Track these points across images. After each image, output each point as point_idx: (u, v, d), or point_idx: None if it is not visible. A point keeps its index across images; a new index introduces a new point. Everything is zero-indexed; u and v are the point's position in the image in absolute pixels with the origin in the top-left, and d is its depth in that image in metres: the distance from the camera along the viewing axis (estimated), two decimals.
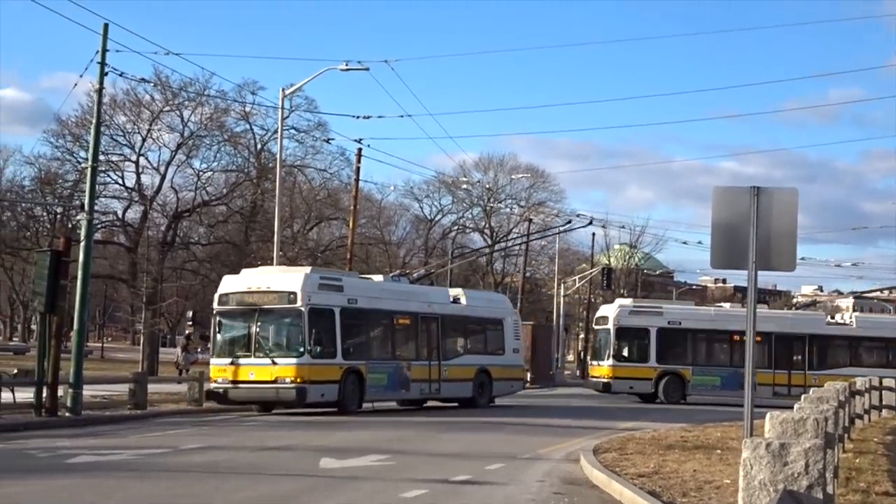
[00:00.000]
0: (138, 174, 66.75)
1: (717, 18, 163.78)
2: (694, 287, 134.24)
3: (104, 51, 30.23)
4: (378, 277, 36.80)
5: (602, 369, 45.05)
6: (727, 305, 51.80)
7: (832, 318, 49.67)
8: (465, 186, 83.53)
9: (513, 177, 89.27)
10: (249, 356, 31.20)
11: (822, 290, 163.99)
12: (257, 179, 68.66)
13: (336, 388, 31.43)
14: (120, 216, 67.31)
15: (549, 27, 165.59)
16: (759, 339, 45.05)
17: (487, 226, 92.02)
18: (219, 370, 31.58)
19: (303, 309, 30.76)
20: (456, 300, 38.54)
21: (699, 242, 50.38)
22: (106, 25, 30.14)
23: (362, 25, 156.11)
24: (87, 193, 30.54)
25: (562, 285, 75.20)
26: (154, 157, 67.65)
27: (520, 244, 76.75)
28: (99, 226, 58.54)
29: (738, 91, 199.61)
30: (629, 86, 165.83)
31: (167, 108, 65.86)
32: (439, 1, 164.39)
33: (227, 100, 64.53)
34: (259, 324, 31.54)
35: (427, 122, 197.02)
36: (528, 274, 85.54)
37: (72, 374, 28.12)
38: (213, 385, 31.73)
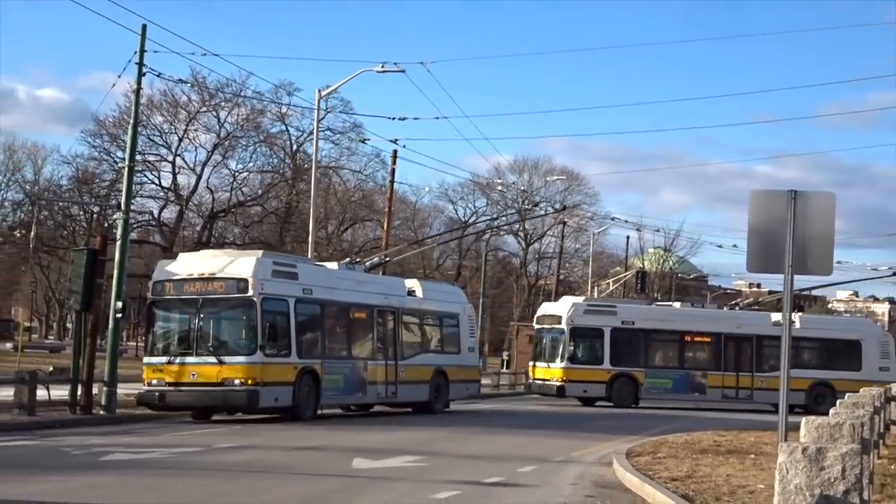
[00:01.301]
0: (174, 174, 67.31)
1: (755, 21, 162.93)
2: (728, 291, 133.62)
3: (142, 51, 30.38)
4: (332, 265, 32.68)
5: (554, 371, 42.39)
6: (677, 304, 49.51)
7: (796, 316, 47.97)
8: (499, 188, 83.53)
9: (547, 179, 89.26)
10: (191, 354, 27.18)
11: (857, 296, 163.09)
12: (292, 180, 68.98)
13: (290, 391, 27.55)
14: (156, 216, 67.84)
15: (586, 30, 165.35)
16: (707, 339, 44.54)
17: (521, 228, 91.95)
18: (153, 371, 27.41)
19: (255, 299, 26.78)
20: (411, 292, 34.53)
21: (734, 246, 49.10)
22: (144, 26, 30.28)
23: (399, 27, 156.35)
24: (123, 193, 30.68)
25: (595, 288, 74.98)
26: (190, 157, 68.25)
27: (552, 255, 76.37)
28: (135, 225, 58.95)
29: (775, 94, 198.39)
30: (666, 89, 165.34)
31: (204, 109, 66.32)
32: (476, 3, 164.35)
33: (263, 101, 64.87)
34: (203, 316, 27.39)
35: (462, 124, 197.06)
36: (561, 277, 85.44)
37: (106, 373, 28.21)
38: (146, 388, 27.54)
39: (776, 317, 45.57)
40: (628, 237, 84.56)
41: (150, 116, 64.58)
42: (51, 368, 32.53)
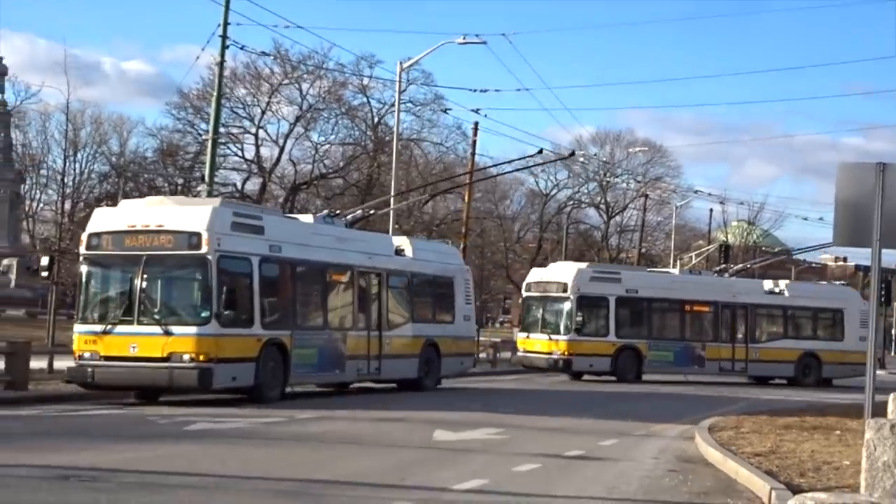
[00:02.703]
0: (257, 146, 67.82)
1: None
2: (814, 265, 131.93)
3: (226, 24, 30.67)
4: (307, 218, 28.22)
5: (557, 344, 38.78)
6: (675, 271, 46.78)
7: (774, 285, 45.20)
8: (581, 161, 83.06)
9: (629, 151, 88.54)
10: (131, 322, 22.41)
11: None
12: (374, 153, 69.16)
13: (252, 369, 23.25)
14: (239, 188, 68.40)
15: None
16: (705, 308, 42.27)
17: (603, 201, 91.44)
18: (85, 341, 22.81)
19: (210, 257, 22.25)
20: (400, 252, 30.26)
21: (820, 219, 47.36)
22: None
23: None
24: (207, 165, 31.05)
25: (678, 262, 74.42)
26: (273, 129, 68.69)
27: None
28: (218, 197, 59.43)
29: (866, 65, 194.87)
30: (754, 59, 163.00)
31: (286, 81, 66.65)
32: None
33: (345, 73, 65.05)
34: (146, 277, 22.65)
35: (544, 96, 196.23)
36: (643, 250, 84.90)
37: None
38: (77, 362, 23.04)
39: (768, 284, 44.80)
40: (711, 210, 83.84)
41: (233, 89, 65.05)
42: None
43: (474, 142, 50.98)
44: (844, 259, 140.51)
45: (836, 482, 13.23)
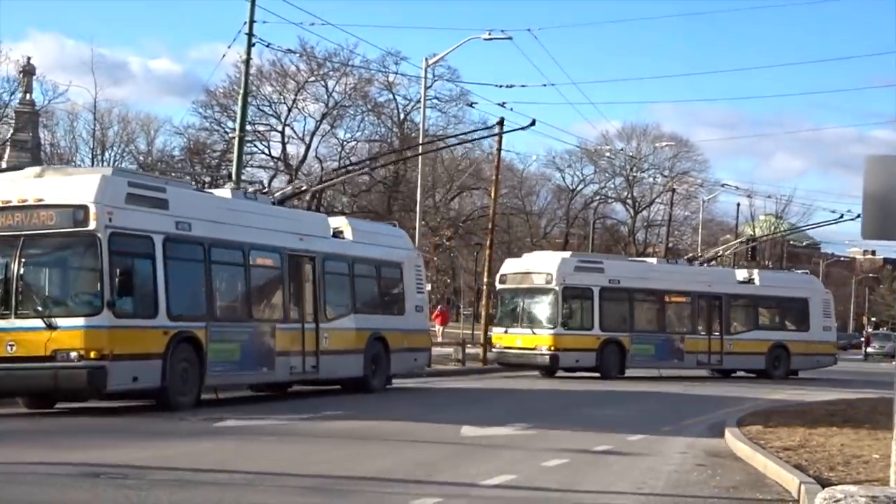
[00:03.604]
0: (284, 144, 68.10)
1: None
2: (842, 259, 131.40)
3: (251, 22, 30.73)
4: (224, 192, 24.37)
5: (542, 339, 36.08)
6: (653, 260, 43.81)
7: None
8: (607, 155, 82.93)
9: (656, 145, 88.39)
10: (7, 316, 18.81)
11: None
12: (400, 149, 69.23)
13: (158, 367, 19.77)
14: (266, 185, 68.60)
15: None
16: (683, 299, 40.22)
17: (630, 196, 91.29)
18: None
19: (99, 234, 18.82)
20: (338, 234, 26.60)
21: (848, 212, 46.18)
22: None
23: None
24: (234, 163, 31.16)
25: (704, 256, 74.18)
26: (299, 127, 68.96)
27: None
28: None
29: (894, 57, 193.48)
30: (780, 52, 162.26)
31: (312, 79, 66.82)
32: None
33: (370, 70, 65.17)
34: (24, 261, 19.10)
35: (570, 91, 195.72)
36: (670, 244, 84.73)
37: None
38: None
39: (741, 273, 43.23)
40: (739, 204, 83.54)
41: (259, 87, 65.35)
42: None
43: (500, 138, 50.90)
44: (873, 252, 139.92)
45: (866, 476, 13.19)
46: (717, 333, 40.17)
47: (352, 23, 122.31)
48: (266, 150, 68.81)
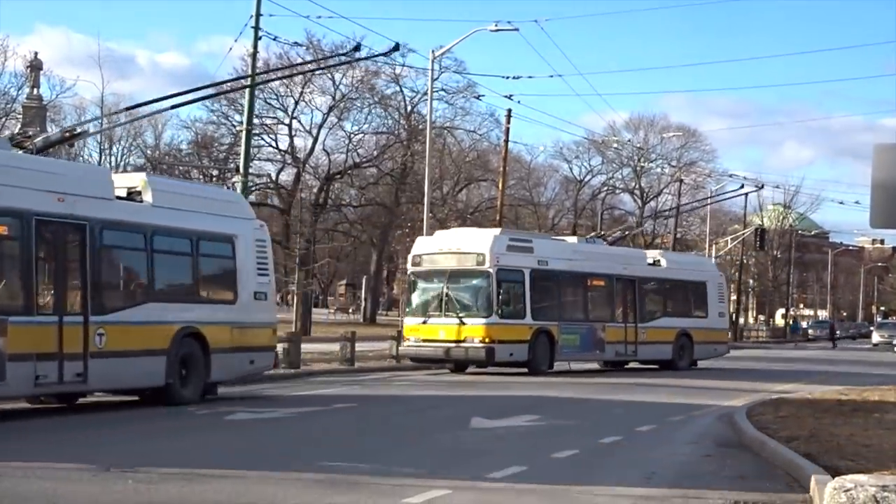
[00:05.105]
0: (291, 137, 68.03)
1: None
2: (851, 248, 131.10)
3: (258, 15, 30.71)
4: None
5: (474, 330, 31.47)
6: (573, 239, 39.38)
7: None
8: (615, 146, 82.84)
9: (664, 136, 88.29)
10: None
11: None
12: (407, 141, 69.21)
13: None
14: (274, 178, 68.69)
15: None
16: (603, 283, 36.82)
17: (637, 186, 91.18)
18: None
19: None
20: (134, 195, 20.28)
21: (856, 202, 45.78)
22: None
23: None
24: (241, 156, 31.13)
25: (713, 246, 74.13)
26: (306, 119, 68.88)
27: (668, 213, 75.07)
28: (253, 188, 59.75)
29: None
30: (789, 42, 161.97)
31: (319, 71, 66.71)
32: None
33: (377, 62, 65.08)
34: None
35: (577, 82, 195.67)
36: (678, 235, 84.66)
37: None
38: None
39: (652, 254, 41.04)
40: (747, 194, 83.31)
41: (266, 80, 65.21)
42: None
43: (507, 129, 50.89)
44: (882, 241, 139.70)
45: (876, 465, 13.16)
46: (632, 322, 37.11)
47: (358, 15, 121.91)
48: (273, 143, 68.76)
